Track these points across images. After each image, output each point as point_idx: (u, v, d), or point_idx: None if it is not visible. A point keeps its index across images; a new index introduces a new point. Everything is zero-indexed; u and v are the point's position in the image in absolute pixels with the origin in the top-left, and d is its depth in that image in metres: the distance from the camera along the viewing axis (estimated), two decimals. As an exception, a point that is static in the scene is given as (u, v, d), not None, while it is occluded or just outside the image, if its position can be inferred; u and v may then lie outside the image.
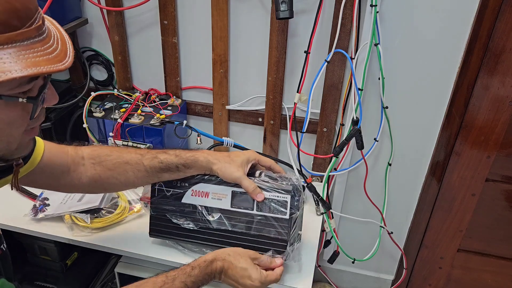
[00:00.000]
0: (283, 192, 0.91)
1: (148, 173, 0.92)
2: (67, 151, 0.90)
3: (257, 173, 0.96)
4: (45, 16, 0.59)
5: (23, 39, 0.50)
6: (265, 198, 0.91)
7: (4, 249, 0.77)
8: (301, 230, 0.98)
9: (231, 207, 0.94)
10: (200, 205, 0.97)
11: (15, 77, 0.48)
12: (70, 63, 0.55)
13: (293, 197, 0.91)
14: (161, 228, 1.02)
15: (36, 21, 0.52)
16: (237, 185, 0.93)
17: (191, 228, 0.98)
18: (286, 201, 0.90)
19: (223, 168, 0.91)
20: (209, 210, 0.96)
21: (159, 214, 1.01)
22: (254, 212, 0.93)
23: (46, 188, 1.10)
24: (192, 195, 0.97)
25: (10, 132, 0.58)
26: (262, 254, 0.91)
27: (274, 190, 0.91)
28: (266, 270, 0.90)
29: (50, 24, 0.58)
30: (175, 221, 0.98)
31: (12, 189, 0.75)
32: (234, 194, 0.94)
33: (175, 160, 0.92)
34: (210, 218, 0.96)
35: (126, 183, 0.94)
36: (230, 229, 0.95)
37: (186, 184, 0.97)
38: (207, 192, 0.96)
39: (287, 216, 0.90)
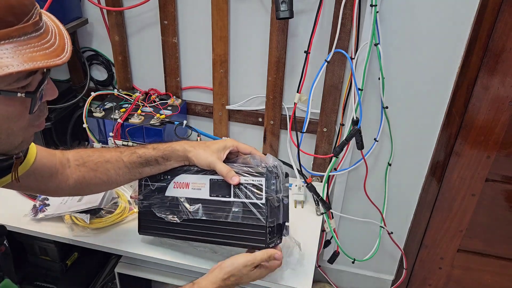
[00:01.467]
0: (257, 175, 0.89)
1: (129, 169, 0.92)
2: (55, 153, 0.90)
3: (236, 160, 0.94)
4: (44, 12, 0.59)
5: (19, 35, 0.51)
6: (240, 184, 0.89)
7: (6, 245, 0.77)
8: (288, 222, 0.94)
9: (210, 196, 0.93)
10: (181, 197, 0.95)
11: (11, 72, 0.49)
12: (68, 58, 0.55)
13: (269, 180, 0.88)
14: (148, 224, 1.01)
15: (33, 17, 0.53)
16: (216, 173, 0.91)
17: (175, 222, 0.96)
18: (261, 184, 0.88)
19: (197, 155, 0.90)
20: (190, 201, 0.95)
21: (146, 210, 1.00)
22: (232, 199, 0.90)
23: (35, 192, 1.10)
24: (174, 187, 0.96)
25: (9, 126, 0.58)
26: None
27: (249, 174, 0.89)
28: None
29: (49, 19, 0.59)
30: (159, 215, 0.97)
31: (12, 180, 0.75)
32: (212, 182, 0.92)
33: (153, 153, 0.92)
34: (191, 209, 0.94)
35: (110, 182, 0.94)
36: (211, 219, 0.93)
37: (169, 177, 0.96)
38: (187, 183, 0.94)
39: (263, 200, 0.88)
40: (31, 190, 0.98)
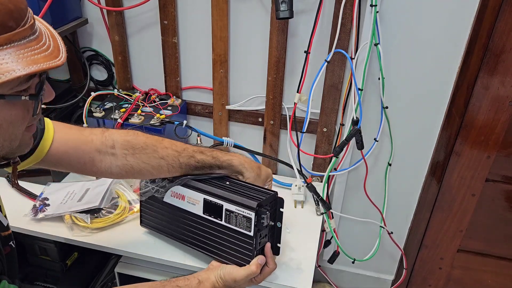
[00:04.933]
0: (248, 208, 0.90)
1: (182, 169, 0.94)
2: (91, 140, 0.88)
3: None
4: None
5: (19, 39, 0.52)
6: (231, 211, 0.92)
7: (13, 246, 0.77)
8: (280, 243, 0.96)
9: (203, 213, 0.96)
10: (177, 206, 0.99)
11: (18, 75, 0.50)
12: (65, 58, 0.57)
13: (259, 215, 0.89)
14: (149, 217, 1.07)
15: (29, 20, 0.54)
16: (210, 193, 0.94)
17: (175, 227, 1.02)
18: (251, 218, 0.89)
19: (252, 180, 0.96)
20: (184, 213, 0.99)
21: (147, 203, 1.05)
22: (223, 222, 0.94)
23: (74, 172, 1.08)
24: (171, 195, 1.00)
25: (13, 131, 0.59)
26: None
27: (241, 206, 0.90)
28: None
29: (38, 22, 0.60)
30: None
31: (12, 187, 0.75)
32: (205, 201, 0.95)
33: (211, 161, 0.94)
34: (185, 220, 0.99)
35: (158, 174, 0.95)
36: (201, 233, 0.98)
37: (166, 185, 0.99)
38: (183, 195, 0.98)
39: (251, 233, 0.90)
40: (66, 170, 0.98)
